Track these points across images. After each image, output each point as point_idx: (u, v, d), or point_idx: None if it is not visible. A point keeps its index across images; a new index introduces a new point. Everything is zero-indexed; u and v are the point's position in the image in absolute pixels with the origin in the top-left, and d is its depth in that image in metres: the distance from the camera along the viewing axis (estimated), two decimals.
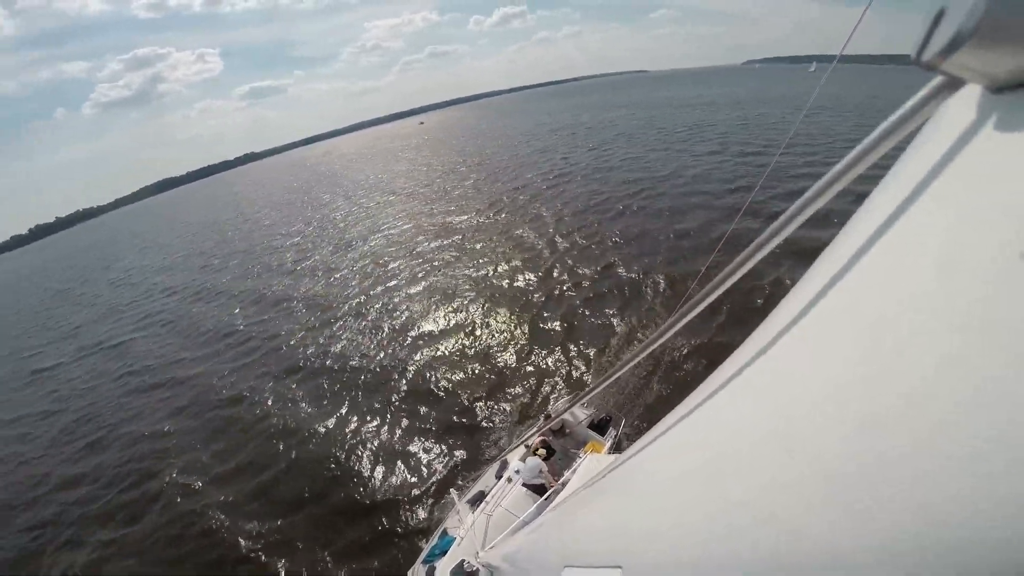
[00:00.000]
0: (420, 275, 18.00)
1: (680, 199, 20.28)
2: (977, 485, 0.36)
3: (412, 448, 9.34)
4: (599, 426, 7.66)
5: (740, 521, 0.72)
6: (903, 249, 0.61)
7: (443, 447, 9.17)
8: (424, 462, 8.92)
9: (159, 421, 12.65)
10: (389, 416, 10.42)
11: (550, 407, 8.79)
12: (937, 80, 0.55)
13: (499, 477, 6.51)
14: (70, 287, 38.50)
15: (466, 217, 24.96)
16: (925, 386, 0.46)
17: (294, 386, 12.48)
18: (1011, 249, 0.42)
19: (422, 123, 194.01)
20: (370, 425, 10.30)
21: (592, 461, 5.30)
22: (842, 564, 0.50)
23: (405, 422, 10.11)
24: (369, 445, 9.70)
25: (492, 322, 13.36)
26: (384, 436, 9.86)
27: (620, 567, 1.12)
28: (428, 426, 9.82)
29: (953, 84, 0.55)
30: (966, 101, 0.56)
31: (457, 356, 12.12)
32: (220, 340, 16.85)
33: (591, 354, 10.95)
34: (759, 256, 0.87)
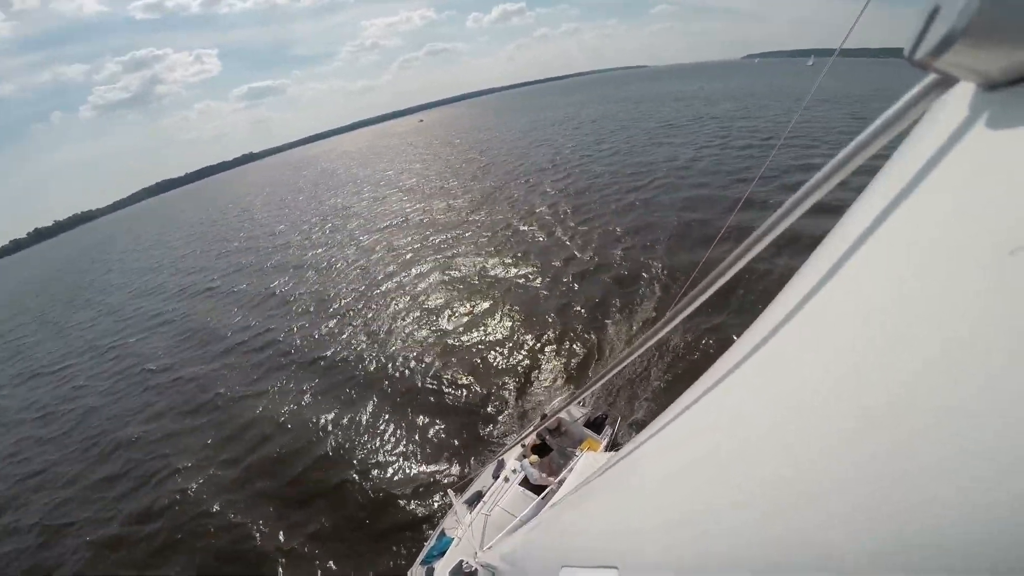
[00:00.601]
0: (426, 270, 18.07)
1: (684, 191, 20.34)
2: (979, 483, 0.36)
3: (415, 445, 9.40)
4: (595, 424, 7.67)
5: (737, 519, 0.70)
6: (897, 244, 0.61)
7: (443, 445, 9.22)
8: (425, 460, 8.98)
9: (175, 419, 12.77)
10: (390, 412, 10.50)
11: (546, 406, 8.81)
12: (930, 78, 0.55)
13: (496, 477, 6.52)
14: (81, 285, 38.79)
15: (472, 211, 25.06)
16: (921, 383, 0.45)
17: (309, 383, 12.61)
18: (1003, 246, 0.42)
19: (422, 121, 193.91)
20: (371, 420, 10.39)
21: (588, 459, 5.31)
22: (842, 563, 0.49)
23: (408, 419, 10.16)
24: (371, 441, 9.79)
25: (495, 317, 13.39)
26: (387, 433, 9.91)
27: (616, 567, 1.11)
28: (430, 424, 9.88)
29: (946, 82, 0.55)
30: (960, 98, 0.57)
31: (458, 352, 12.15)
32: (233, 336, 16.98)
33: (590, 349, 10.98)
34: (756, 250, 0.87)
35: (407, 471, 8.82)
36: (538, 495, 5.84)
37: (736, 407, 0.88)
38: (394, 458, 9.23)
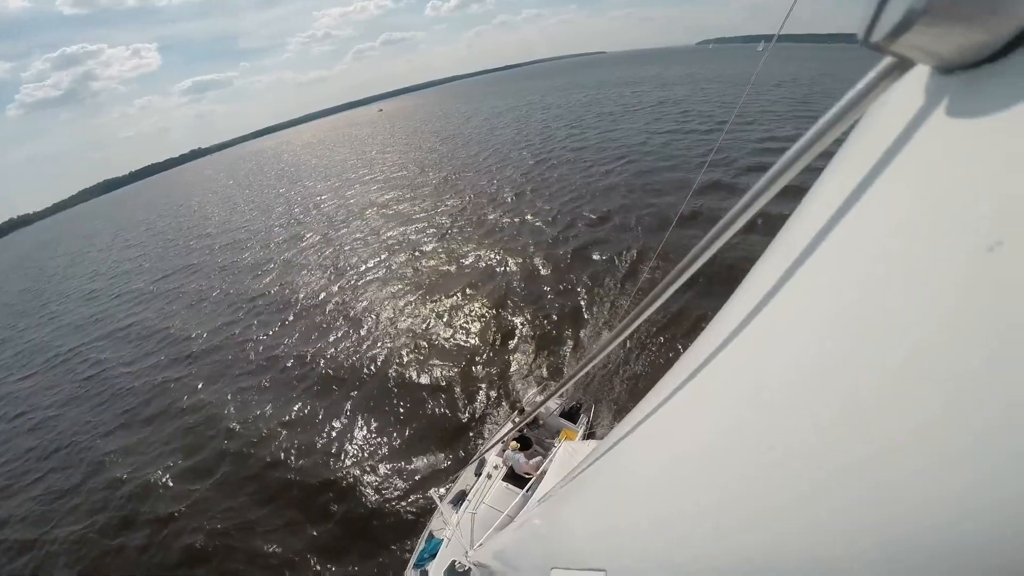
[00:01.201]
0: (402, 260, 17.86)
1: (654, 174, 20.68)
2: (963, 483, 0.36)
3: (395, 446, 9.32)
4: (570, 414, 7.85)
5: (726, 519, 0.69)
6: (856, 236, 0.60)
7: (423, 445, 9.18)
8: (407, 461, 8.90)
9: (126, 429, 12.24)
10: (363, 415, 10.36)
11: (522, 400, 8.92)
12: (886, 61, 0.54)
13: (479, 475, 6.58)
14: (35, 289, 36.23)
15: (444, 197, 24.96)
16: (902, 379, 0.44)
17: (277, 383, 12.33)
18: (967, 235, 0.41)
19: (381, 110, 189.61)
20: (345, 425, 10.24)
21: (567, 449, 5.44)
22: (831, 563, 0.50)
23: (384, 419, 10.06)
24: (348, 445, 9.65)
25: (471, 308, 13.32)
26: (365, 433, 9.80)
27: (604, 570, 1.11)
28: (408, 425, 9.79)
29: (902, 65, 0.54)
30: (915, 82, 0.56)
31: (436, 347, 12.05)
32: (175, 344, 16.36)
33: (568, 336, 11.13)
34: (721, 241, 0.85)
35: (388, 472, 8.75)
36: (522, 488, 5.97)
37: (717, 402, 0.86)
38: (376, 459, 9.14)
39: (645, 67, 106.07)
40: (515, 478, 6.33)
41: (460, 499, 6.34)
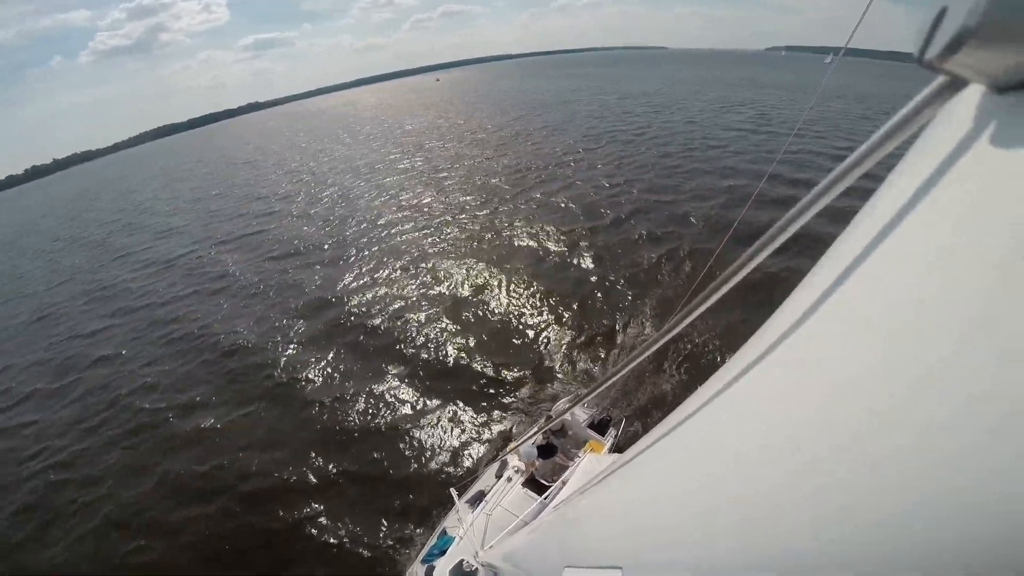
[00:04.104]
0: (451, 242, 17.85)
1: (706, 180, 20.10)
2: (976, 484, 0.37)
3: (426, 435, 9.18)
4: (599, 426, 7.64)
5: (740, 521, 0.71)
6: (907, 250, 0.60)
7: (450, 439, 9.03)
8: (434, 452, 8.79)
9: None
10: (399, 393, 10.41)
11: (551, 407, 8.71)
12: (940, 80, 0.54)
13: (499, 476, 6.52)
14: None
15: (497, 178, 24.99)
16: (926, 385, 0.46)
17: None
18: (1015, 251, 0.42)
19: (438, 80, 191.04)
20: (376, 391, 10.43)
21: (592, 461, 5.28)
22: (843, 562, 0.50)
23: (414, 407, 10.00)
24: (381, 413, 9.80)
25: (504, 304, 13.09)
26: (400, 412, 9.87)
27: (620, 568, 1.11)
28: (440, 416, 9.61)
29: (956, 84, 0.53)
30: (969, 101, 0.56)
31: (468, 342, 11.79)
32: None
33: (599, 350, 10.81)
34: (764, 254, 0.85)
35: (416, 459, 8.65)
36: (540, 495, 5.84)
37: (741, 412, 0.88)
38: (406, 444, 9.02)
39: (715, 69, 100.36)
40: (535, 484, 6.22)
41: (478, 499, 6.29)
